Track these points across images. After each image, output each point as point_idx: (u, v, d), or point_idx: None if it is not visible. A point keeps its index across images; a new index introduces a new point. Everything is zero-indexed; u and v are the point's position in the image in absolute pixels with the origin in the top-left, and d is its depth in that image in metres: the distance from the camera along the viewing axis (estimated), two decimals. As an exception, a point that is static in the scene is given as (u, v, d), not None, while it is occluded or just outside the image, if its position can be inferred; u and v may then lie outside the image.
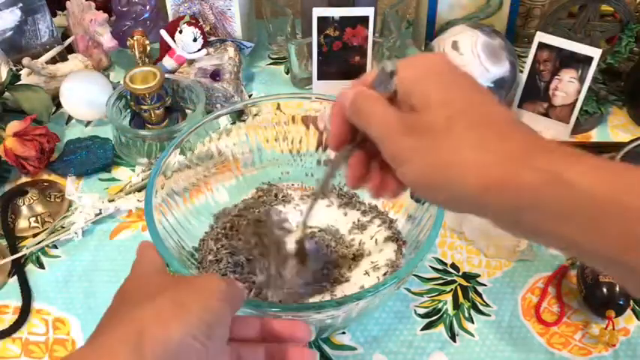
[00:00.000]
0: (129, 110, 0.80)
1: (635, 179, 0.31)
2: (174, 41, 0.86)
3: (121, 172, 0.77)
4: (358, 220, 0.63)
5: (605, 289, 0.57)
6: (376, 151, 0.38)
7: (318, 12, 0.81)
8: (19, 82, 0.83)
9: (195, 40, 0.85)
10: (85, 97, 0.81)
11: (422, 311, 0.61)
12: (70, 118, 0.86)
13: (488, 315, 0.60)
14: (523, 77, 0.79)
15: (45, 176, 0.76)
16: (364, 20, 0.81)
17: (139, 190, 0.72)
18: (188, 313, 0.35)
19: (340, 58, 0.85)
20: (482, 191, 0.33)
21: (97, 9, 0.89)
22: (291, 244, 0.51)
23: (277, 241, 0.52)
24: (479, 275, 0.64)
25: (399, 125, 0.36)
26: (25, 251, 0.66)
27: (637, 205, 0.30)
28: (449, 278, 0.64)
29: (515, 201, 0.32)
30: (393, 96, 0.37)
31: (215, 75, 0.84)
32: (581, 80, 0.75)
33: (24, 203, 0.70)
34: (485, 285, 0.63)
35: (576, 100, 0.77)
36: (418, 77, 0.36)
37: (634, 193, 0.30)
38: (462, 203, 0.35)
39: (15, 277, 0.64)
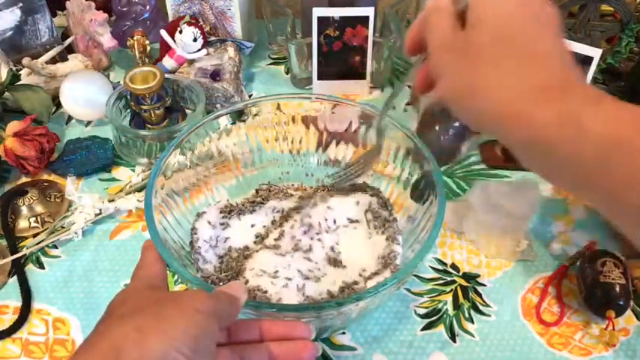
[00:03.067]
0: (129, 110, 0.80)
1: None
2: (174, 41, 0.86)
3: (121, 172, 0.77)
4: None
5: (605, 290, 0.57)
6: None
7: (318, 12, 0.81)
8: (19, 82, 0.83)
9: (195, 40, 0.85)
10: (85, 97, 0.81)
11: (422, 311, 0.61)
12: (70, 118, 0.86)
13: (489, 315, 0.60)
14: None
15: (45, 176, 0.76)
16: (364, 20, 0.81)
17: (139, 190, 0.72)
18: (171, 328, 0.35)
19: (340, 58, 0.85)
20: (498, 119, 0.34)
21: (97, 9, 0.89)
22: None
23: None
24: (479, 275, 0.64)
25: (448, 40, 0.37)
26: (25, 251, 0.66)
27: None
28: (449, 278, 0.64)
29: (527, 135, 0.33)
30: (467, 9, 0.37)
31: (215, 75, 0.84)
32: (581, 80, 0.75)
33: (24, 203, 0.70)
34: (486, 285, 0.63)
35: (576, 100, 0.77)
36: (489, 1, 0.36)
37: None
38: (482, 125, 0.37)
39: (15, 277, 0.64)
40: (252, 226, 0.62)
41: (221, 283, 0.56)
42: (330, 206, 0.62)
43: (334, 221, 0.62)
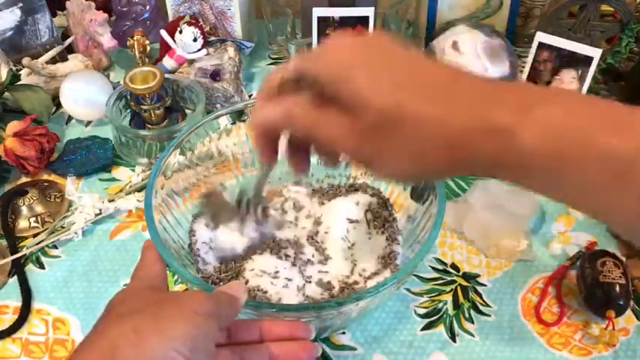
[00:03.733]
0: (129, 110, 0.80)
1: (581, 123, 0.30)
2: (174, 41, 0.86)
3: (121, 172, 0.77)
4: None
5: (605, 289, 0.57)
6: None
7: (318, 12, 0.81)
8: (19, 82, 0.83)
9: (195, 40, 0.85)
10: (85, 97, 0.81)
11: (422, 311, 0.61)
12: (70, 118, 0.86)
13: (488, 315, 0.60)
14: (523, 77, 0.79)
15: (45, 176, 0.76)
16: (364, 20, 0.81)
17: (139, 190, 0.72)
18: (169, 328, 0.35)
19: (340, 58, 0.85)
20: (450, 158, 0.33)
21: (97, 9, 0.89)
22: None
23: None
24: (479, 275, 0.64)
25: (352, 137, 0.34)
26: (25, 251, 0.66)
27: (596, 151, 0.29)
28: (449, 278, 0.64)
29: (483, 159, 0.32)
30: (320, 92, 0.35)
31: (215, 75, 0.84)
32: (581, 80, 0.75)
33: (24, 203, 0.70)
34: (485, 285, 0.63)
35: (576, 100, 0.77)
36: (338, 71, 0.34)
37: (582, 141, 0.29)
38: (439, 175, 0.36)
39: (15, 277, 0.64)
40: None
41: (221, 283, 0.56)
42: (330, 207, 0.62)
43: (334, 221, 0.62)
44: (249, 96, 0.89)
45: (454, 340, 0.58)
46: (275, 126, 0.38)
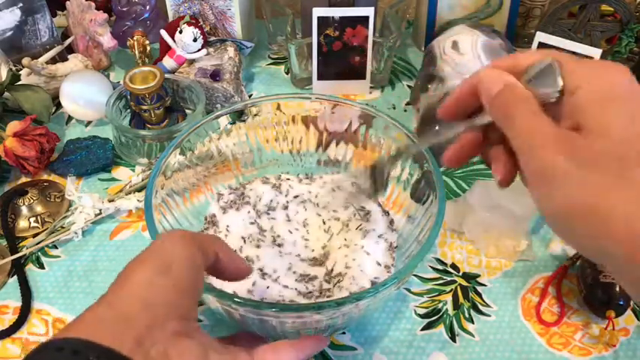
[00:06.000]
0: (129, 110, 0.80)
1: None
2: (174, 41, 0.86)
3: (121, 172, 0.77)
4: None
5: (605, 289, 0.57)
6: (494, 138, 0.36)
7: (318, 12, 0.81)
8: (19, 82, 0.82)
9: (195, 40, 0.85)
10: (85, 97, 0.81)
11: (422, 311, 0.61)
12: (70, 118, 0.86)
13: (489, 315, 0.60)
14: (523, 77, 0.79)
15: (45, 176, 0.76)
16: (364, 20, 0.82)
17: (139, 190, 0.72)
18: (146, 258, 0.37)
19: (340, 58, 0.85)
20: (626, 247, 0.28)
21: (97, 9, 0.89)
22: None
23: None
24: (479, 275, 0.64)
25: (554, 140, 0.31)
26: (25, 251, 0.66)
27: None
28: (449, 278, 0.64)
29: None
30: (548, 102, 0.32)
31: (215, 75, 0.84)
32: (582, 80, 0.75)
33: (24, 203, 0.70)
34: (486, 285, 0.63)
35: (576, 100, 0.77)
36: (599, 95, 0.31)
37: None
38: (599, 252, 0.30)
39: (15, 277, 0.64)
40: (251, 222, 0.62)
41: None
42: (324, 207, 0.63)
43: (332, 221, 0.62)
44: (249, 96, 0.89)
45: (454, 340, 0.58)
46: (489, 84, 0.34)
